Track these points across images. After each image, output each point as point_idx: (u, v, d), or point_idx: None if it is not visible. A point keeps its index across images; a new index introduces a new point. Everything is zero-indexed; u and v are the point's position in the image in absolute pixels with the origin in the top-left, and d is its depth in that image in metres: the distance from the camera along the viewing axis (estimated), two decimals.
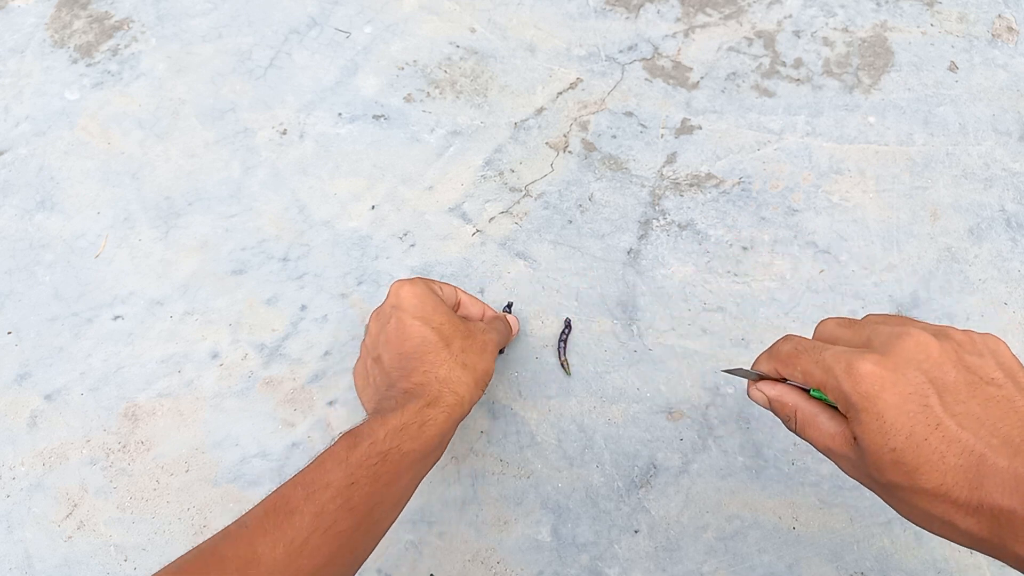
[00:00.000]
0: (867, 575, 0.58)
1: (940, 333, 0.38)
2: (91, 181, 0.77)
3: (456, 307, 0.61)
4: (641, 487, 0.61)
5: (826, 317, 0.44)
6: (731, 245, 0.71)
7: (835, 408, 0.40)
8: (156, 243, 0.73)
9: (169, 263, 0.72)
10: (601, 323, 0.68)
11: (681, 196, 0.74)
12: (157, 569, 0.41)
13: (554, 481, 0.62)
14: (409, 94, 0.81)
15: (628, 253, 0.71)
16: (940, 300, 0.67)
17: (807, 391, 0.42)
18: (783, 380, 0.43)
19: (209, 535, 0.60)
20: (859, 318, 0.42)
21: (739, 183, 0.74)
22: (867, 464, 0.37)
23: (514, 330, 0.64)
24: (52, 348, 0.68)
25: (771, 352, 0.43)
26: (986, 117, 0.77)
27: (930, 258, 0.69)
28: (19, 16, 0.88)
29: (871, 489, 0.39)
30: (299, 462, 0.63)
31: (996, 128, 0.76)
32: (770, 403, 0.43)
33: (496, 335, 0.58)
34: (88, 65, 0.84)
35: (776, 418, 0.63)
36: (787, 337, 0.43)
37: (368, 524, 0.45)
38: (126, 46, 0.85)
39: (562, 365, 0.65)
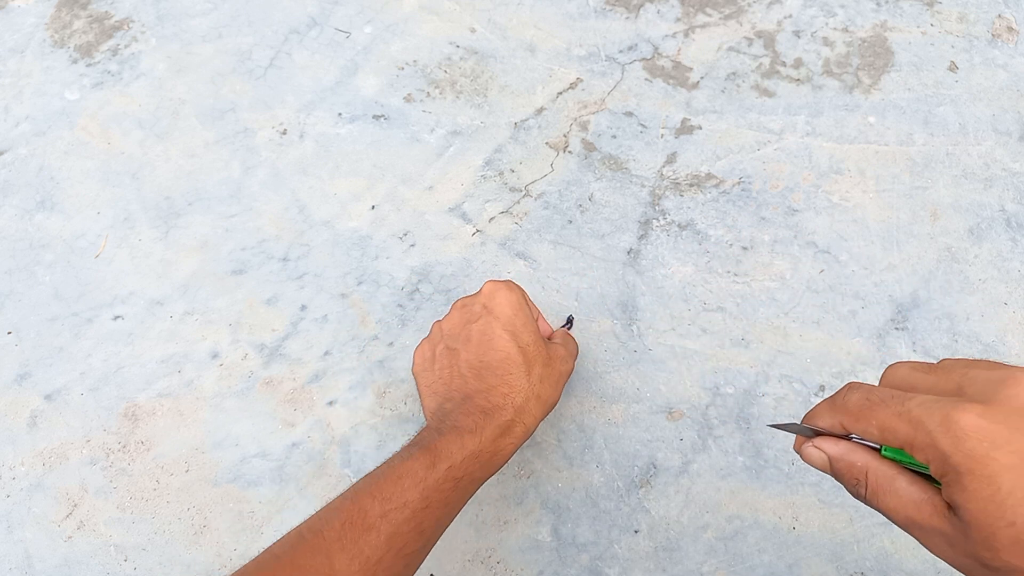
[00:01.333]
0: (867, 575, 0.58)
1: None
2: (91, 181, 0.77)
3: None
4: (641, 487, 0.61)
5: (896, 362, 0.37)
6: (731, 245, 0.71)
7: (917, 472, 0.34)
8: (156, 243, 0.73)
9: (169, 263, 0.72)
10: (601, 323, 0.68)
11: (681, 196, 0.74)
12: (157, 569, 0.41)
13: (554, 481, 0.62)
14: (409, 94, 0.81)
15: (628, 253, 0.71)
16: (940, 300, 0.67)
17: (878, 449, 0.35)
18: (847, 436, 0.36)
19: (209, 535, 0.60)
20: (935, 362, 0.36)
21: (739, 183, 0.74)
22: (972, 541, 0.30)
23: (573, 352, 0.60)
24: (52, 348, 0.68)
25: (834, 403, 0.36)
26: (986, 117, 0.77)
27: (930, 258, 0.69)
28: (19, 16, 0.88)
29: (963, 571, 0.32)
30: (299, 462, 0.63)
31: (996, 128, 0.76)
32: (832, 464, 0.36)
33: (570, 366, 0.57)
34: (88, 65, 0.84)
35: (776, 419, 0.63)
36: (853, 385, 0.36)
37: (430, 546, 0.46)
38: (126, 46, 0.85)
39: None
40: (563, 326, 0.64)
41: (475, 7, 0.86)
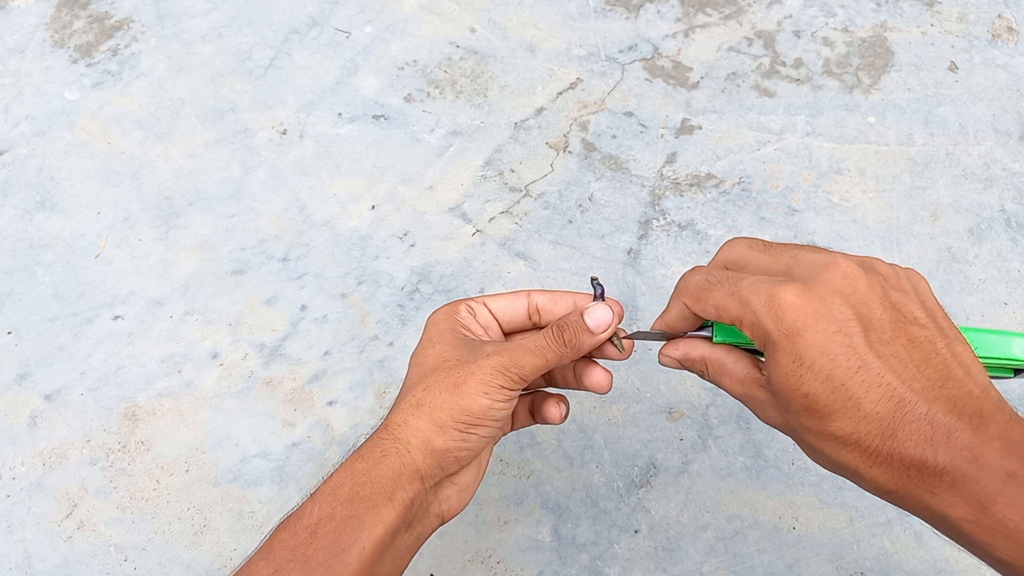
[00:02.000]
0: (867, 575, 0.58)
1: (866, 264, 0.35)
2: (91, 181, 0.77)
3: (530, 317, 0.48)
4: (641, 487, 0.61)
5: (734, 237, 0.39)
6: None
7: (746, 350, 0.39)
8: (156, 243, 0.73)
9: (169, 263, 0.72)
10: None
11: (681, 196, 0.74)
12: (157, 569, 0.41)
13: (554, 481, 0.62)
14: (409, 94, 0.81)
15: (628, 253, 0.71)
16: (940, 300, 0.67)
17: (710, 339, 0.40)
18: (683, 335, 0.41)
19: (209, 535, 0.60)
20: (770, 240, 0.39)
21: (739, 183, 0.74)
22: (776, 406, 0.35)
23: (597, 324, 0.44)
24: (52, 348, 0.68)
25: (679, 289, 0.39)
26: (986, 117, 0.77)
27: (930, 258, 0.69)
28: (19, 16, 0.88)
29: (782, 431, 0.37)
30: (299, 462, 0.63)
31: (996, 128, 0.76)
32: (680, 362, 0.40)
33: (500, 359, 0.42)
34: (88, 65, 0.84)
35: None
36: (694, 269, 0.39)
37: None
38: (126, 46, 0.85)
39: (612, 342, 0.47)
40: (595, 297, 0.47)
41: (475, 7, 0.86)
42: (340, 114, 0.80)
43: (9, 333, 0.69)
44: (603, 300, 0.45)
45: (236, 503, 0.62)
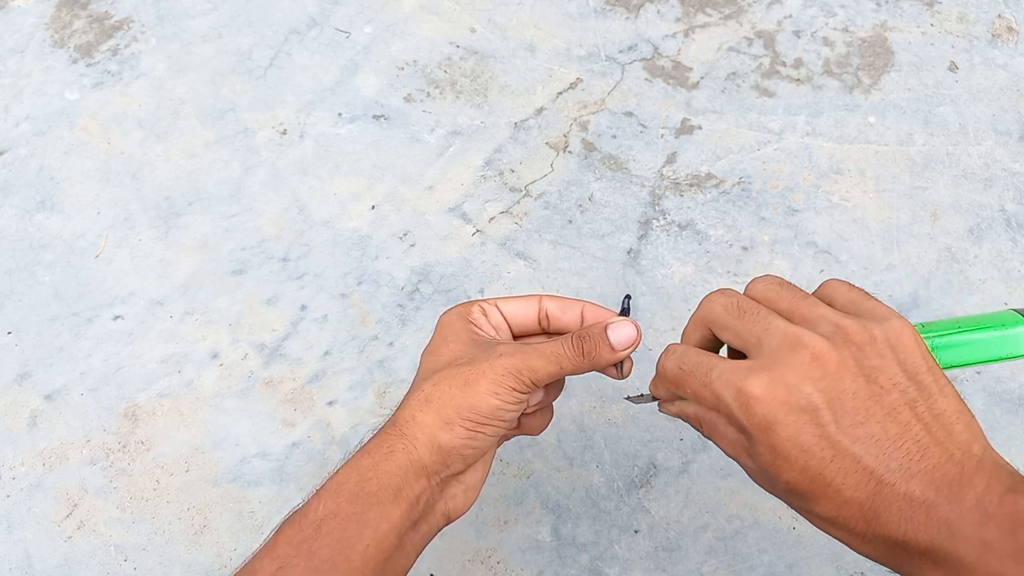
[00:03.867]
0: (867, 575, 0.58)
1: (838, 335, 0.34)
2: (91, 181, 0.77)
3: (538, 323, 0.47)
4: (641, 487, 0.61)
5: (715, 291, 0.40)
6: (731, 245, 0.71)
7: None
8: (156, 243, 0.73)
9: (169, 263, 0.72)
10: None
11: (681, 196, 0.74)
12: (158, 569, 0.41)
13: (554, 481, 0.62)
14: (409, 94, 0.81)
15: (628, 253, 0.71)
16: (940, 300, 0.67)
17: None
18: None
19: (209, 535, 0.60)
20: (751, 290, 0.39)
21: (739, 183, 0.74)
22: (765, 482, 0.36)
23: (619, 342, 0.43)
24: (52, 348, 0.68)
25: (659, 374, 0.40)
26: (986, 117, 0.77)
27: (930, 258, 0.69)
28: (19, 16, 0.88)
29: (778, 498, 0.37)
30: (299, 462, 0.63)
31: (996, 128, 0.76)
32: (678, 416, 0.41)
33: (511, 361, 0.42)
34: (88, 65, 0.84)
35: None
36: (668, 351, 0.39)
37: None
38: (126, 46, 0.85)
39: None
40: (622, 309, 0.49)
41: (475, 7, 0.86)
42: (340, 114, 0.80)
43: (9, 333, 0.69)
44: (627, 318, 0.45)
45: (236, 503, 0.62)
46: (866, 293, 0.38)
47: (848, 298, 0.37)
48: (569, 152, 0.77)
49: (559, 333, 0.46)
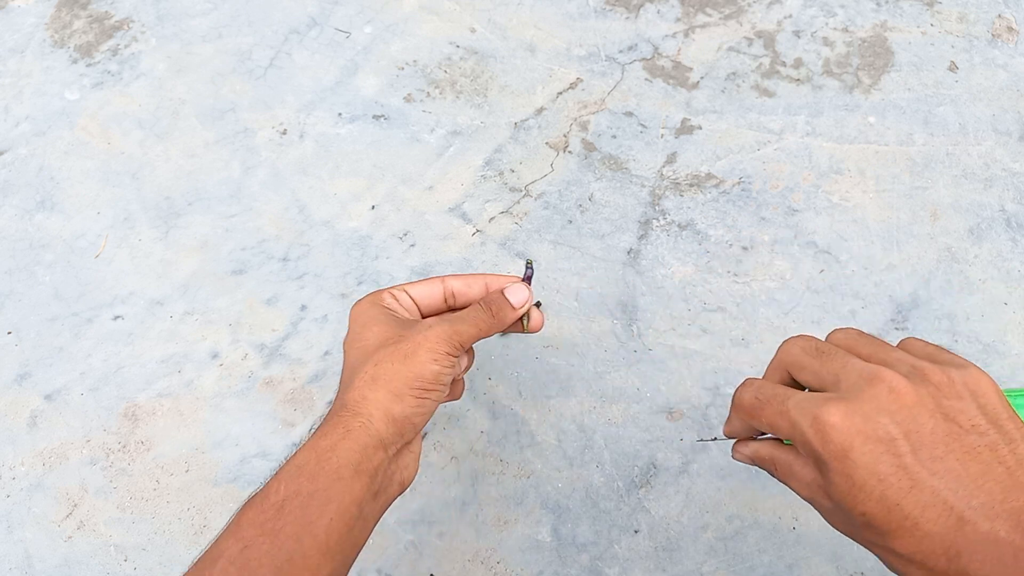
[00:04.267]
0: (867, 575, 0.58)
1: (915, 375, 0.34)
2: (91, 181, 0.77)
3: (445, 301, 0.53)
4: (641, 487, 0.61)
5: (793, 337, 0.40)
6: (731, 245, 0.71)
7: None
8: (156, 243, 0.73)
9: (169, 263, 0.72)
10: (601, 323, 0.68)
11: (681, 196, 0.74)
12: (158, 569, 0.41)
13: (554, 481, 0.62)
14: (409, 94, 0.81)
15: (628, 253, 0.71)
16: (940, 300, 0.67)
17: (780, 440, 0.40)
18: (754, 437, 0.42)
19: (209, 535, 0.60)
20: (831, 338, 0.40)
21: (739, 183, 0.74)
22: (840, 516, 0.35)
23: (510, 307, 0.51)
24: (52, 348, 0.68)
25: (735, 405, 0.41)
26: (986, 117, 0.77)
27: (930, 258, 0.69)
28: (19, 16, 0.88)
29: (854, 540, 0.36)
30: None
31: (996, 128, 0.76)
32: (751, 460, 0.42)
33: (442, 329, 0.47)
34: (88, 65, 0.84)
35: None
36: (746, 384, 0.40)
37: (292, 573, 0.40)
38: (126, 46, 0.85)
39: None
40: (524, 277, 0.55)
41: (475, 7, 0.86)
42: (340, 114, 0.80)
43: (9, 333, 0.69)
44: (526, 282, 0.53)
45: (236, 503, 0.62)
46: (943, 348, 0.38)
47: (926, 351, 0.37)
48: (569, 152, 0.77)
49: (466, 307, 0.51)
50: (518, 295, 0.52)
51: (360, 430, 0.43)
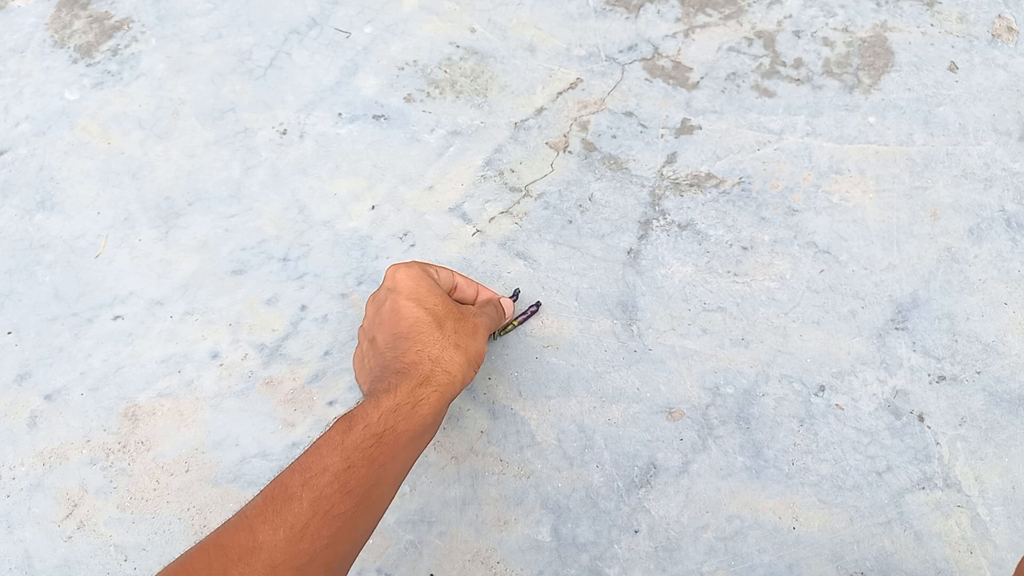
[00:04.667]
0: (867, 575, 0.58)
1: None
2: (91, 181, 0.77)
3: (453, 290, 0.62)
4: (641, 487, 0.61)
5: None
6: (731, 245, 0.71)
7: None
8: (156, 243, 0.73)
9: (169, 263, 0.72)
10: (601, 323, 0.68)
11: (681, 196, 0.74)
12: (158, 569, 0.41)
13: (554, 481, 0.62)
14: (409, 94, 0.81)
15: (628, 253, 0.71)
16: (940, 300, 0.67)
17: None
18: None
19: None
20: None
21: (739, 183, 0.74)
22: None
23: (507, 314, 0.65)
24: (52, 348, 0.68)
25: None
26: (986, 117, 0.77)
27: (930, 258, 0.69)
28: (19, 16, 0.88)
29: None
30: None
31: (996, 128, 0.76)
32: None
33: (486, 319, 0.59)
34: (88, 65, 0.84)
35: (776, 419, 0.63)
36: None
37: (366, 505, 0.46)
38: (126, 46, 0.85)
39: (498, 331, 0.67)
40: (511, 296, 0.68)
41: (475, 7, 0.86)
42: (340, 114, 0.80)
43: (9, 333, 0.69)
44: (512, 299, 0.67)
45: (236, 503, 0.62)
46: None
47: None
48: (569, 152, 0.77)
49: (460, 301, 0.63)
50: (509, 308, 0.66)
51: (447, 386, 0.51)
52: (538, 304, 0.68)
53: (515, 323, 0.67)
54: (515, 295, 0.68)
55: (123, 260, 0.72)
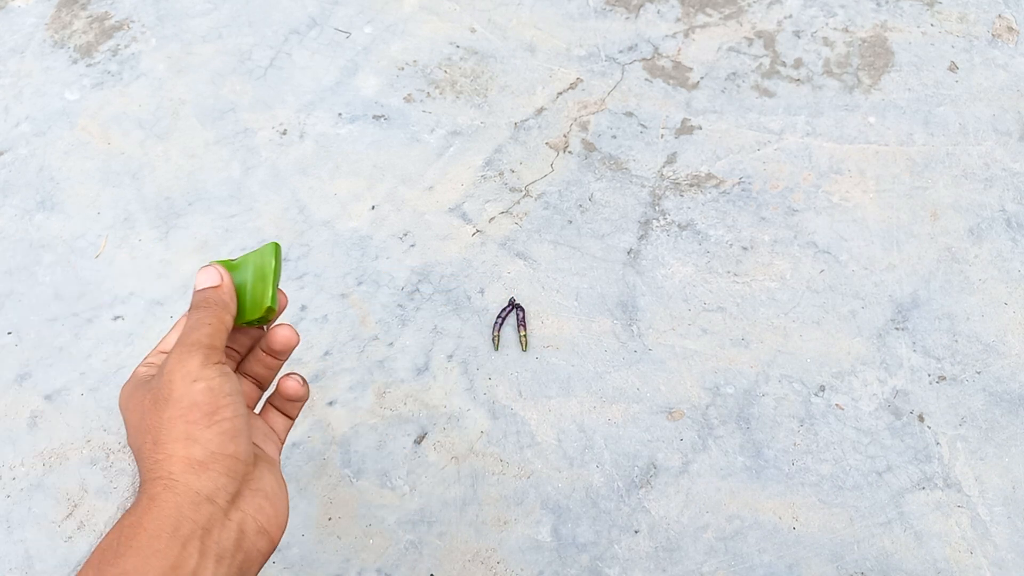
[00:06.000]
0: (867, 575, 0.58)
1: None
2: (91, 181, 0.77)
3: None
4: (641, 487, 0.61)
5: None
6: (731, 245, 0.71)
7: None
8: (156, 243, 0.73)
9: (169, 263, 0.72)
10: (601, 323, 0.68)
11: (681, 196, 0.74)
12: None
13: (554, 481, 0.62)
14: (409, 94, 0.81)
15: (628, 253, 0.71)
16: (940, 300, 0.67)
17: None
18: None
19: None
20: None
21: (739, 183, 0.74)
22: None
23: (200, 284, 0.43)
24: (52, 348, 0.68)
25: None
26: (986, 117, 0.77)
27: (930, 258, 0.69)
28: (19, 16, 0.88)
29: None
30: (299, 462, 0.63)
31: (996, 128, 0.76)
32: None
33: (180, 345, 0.40)
34: (88, 65, 0.84)
35: (776, 420, 0.63)
36: None
37: None
38: (126, 46, 0.85)
39: (493, 340, 0.67)
40: (515, 318, 0.67)
41: (475, 7, 0.86)
42: (340, 114, 0.80)
43: (9, 333, 0.69)
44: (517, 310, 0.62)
45: None
46: None
47: None
48: (569, 152, 0.77)
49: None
50: (203, 276, 0.43)
51: (165, 492, 0.36)
52: (511, 302, 0.68)
53: (523, 332, 0.67)
54: (511, 305, 0.68)
55: (123, 260, 0.72)
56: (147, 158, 0.78)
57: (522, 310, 0.68)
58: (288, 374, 0.44)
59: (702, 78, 0.80)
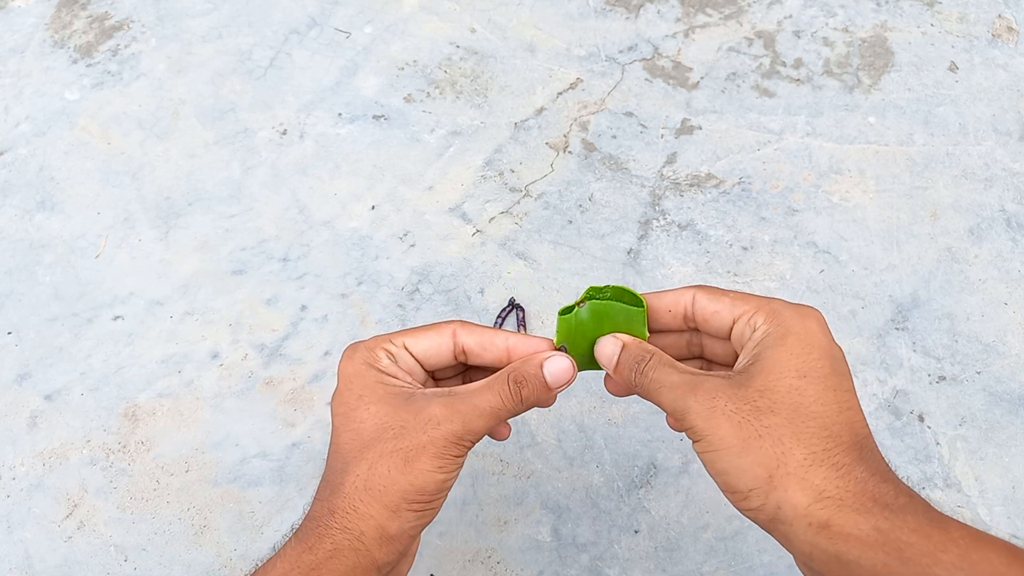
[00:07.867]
0: None
1: None
2: (91, 181, 0.77)
3: (456, 358, 0.42)
4: (641, 487, 0.61)
5: None
6: (731, 245, 0.71)
7: None
8: (156, 243, 0.73)
9: (169, 263, 0.72)
10: None
11: (681, 196, 0.74)
12: (158, 569, 0.40)
13: (554, 481, 0.62)
14: (409, 94, 0.81)
15: (628, 253, 0.71)
16: (940, 300, 0.67)
17: None
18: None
19: (209, 535, 0.60)
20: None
21: (739, 183, 0.74)
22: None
23: (556, 380, 0.40)
24: (52, 348, 0.68)
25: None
26: (986, 117, 0.77)
27: (930, 258, 0.69)
28: (19, 16, 0.88)
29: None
30: (299, 462, 0.63)
31: (996, 128, 0.76)
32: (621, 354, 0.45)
33: (458, 426, 0.38)
34: (88, 65, 0.84)
35: None
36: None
37: None
38: (126, 46, 0.85)
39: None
40: (515, 319, 0.59)
41: (475, 7, 0.86)
42: (340, 114, 0.80)
43: (9, 333, 0.69)
44: (522, 327, 0.45)
45: (236, 503, 0.62)
46: None
47: None
48: (569, 152, 0.77)
49: (478, 367, 0.42)
50: (558, 372, 0.39)
51: (349, 551, 0.36)
52: (511, 302, 0.67)
53: (523, 333, 0.55)
54: (520, 315, 0.65)
55: (123, 260, 0.72)
56: (147, 158, 0.78)
57: (522, 310, 0.68)
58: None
59: (702, 78, 0.80)
